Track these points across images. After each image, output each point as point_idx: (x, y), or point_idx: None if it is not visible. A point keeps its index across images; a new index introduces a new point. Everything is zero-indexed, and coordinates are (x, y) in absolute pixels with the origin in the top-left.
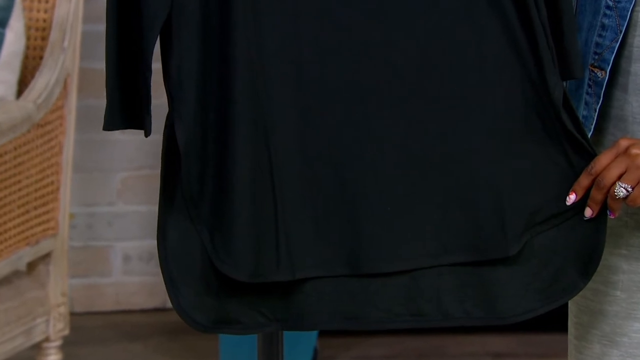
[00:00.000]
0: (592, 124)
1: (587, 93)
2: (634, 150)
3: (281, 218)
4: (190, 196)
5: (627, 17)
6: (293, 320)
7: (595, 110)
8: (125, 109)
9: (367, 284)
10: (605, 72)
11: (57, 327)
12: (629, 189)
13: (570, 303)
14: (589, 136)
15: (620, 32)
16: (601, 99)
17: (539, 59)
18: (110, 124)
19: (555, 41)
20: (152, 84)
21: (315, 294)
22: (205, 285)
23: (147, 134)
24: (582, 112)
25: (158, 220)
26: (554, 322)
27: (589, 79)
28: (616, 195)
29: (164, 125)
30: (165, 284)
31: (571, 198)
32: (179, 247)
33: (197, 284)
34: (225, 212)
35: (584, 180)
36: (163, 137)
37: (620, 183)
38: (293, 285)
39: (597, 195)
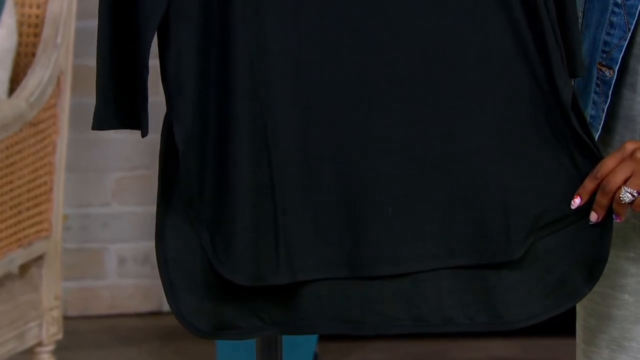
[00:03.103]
0: (600, 124)
1: (595, 92)
2: None
3: (281, 219)
4: (189, 198)
5: (635, 14)
6: (291, 324)
7: (604, 110)
8: (121, 108)
9: (367, 287)
10: (614, 71)
11: (50, 331)
12: (635, 194)
13: (578, 306)
14: (597, 137)
15: (629, 30)
16: (609, 98)
17: (547, 57)
18: (104, 124)
19: (563, 40)
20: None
21: (315, 297)
22: (205, 290)
23: (144, 134)
24: (590, 111)
25: (156, 223)
26: (558, 326)
27: (597, 78)
28: (622, 200)
29: (162, 124)
30: (164, 288)
31: (576, 202)
32: (178, 251)
33: (197, 289)
34: (225, 214)
35: (589, 184)
36: (161, 137)
37: (625, 188)
38: (292, 289)
39: (602, 199)
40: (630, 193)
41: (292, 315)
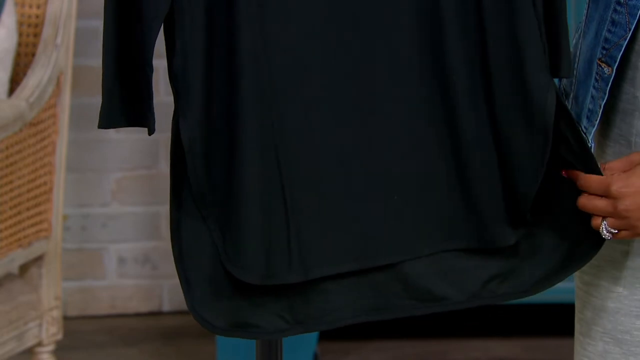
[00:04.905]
0: (596, 120)
1: (594, 87)
2: (622, 206)
3: (292, 217)
4: (200, 195)
5: (637, 15)
6: (314, 320)
7: (600, 107)
8: (127, 107)
9: (385, 274)
10: (612, 69)
11: (50, 332)
12: (614, 231)
13: (575, 299)
14: (594, 130)
15: (630, 30)
16: (606, 95)
17: (520, 55)
18: (110, 122)
19: (550, 39)
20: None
21: (335, 290)
22: (221, 287)
23: (150, 132)
24: (588, 105)
25: (170, 220)
26: (559, 326)
27: (596, 73)
28: (601, 234)
29: (172, 122)
30: (180, 284)
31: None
32: (192, 248)
33: (213, 286)
34: (235, 213)
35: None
36: (171, 133)
37: (605, 225)
38: (310, 284)
39: None
40: (608, 231)
41: (314, 312)
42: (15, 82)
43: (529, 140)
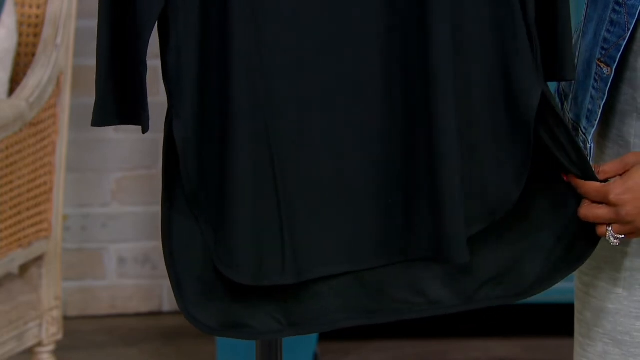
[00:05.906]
0: (596, 120)
1: (594, 88)
2: (623, 212)
3: (285, 218)
4: (192, 196)
5: (636, 14)
6: (308, 322)
7: (600, 107)
8: (121, 105)
9: (378, 276)
10: (611, 69)
11: (50, 332)
12: (621, 237)
13: (575, 299)
14: (593, 131)
15: (628, 30)
16: (606, 95)
17: (511, 58)
18: (103, 121)
19: (549, 43)
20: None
21: (329, 292)
22: (213, 287)
23: (144, 131)
24: (587, 105)
25: (162, 219)
26: (559, 326)
27: (596, 73)
28: (608, 241)
29: (165, 121)
30: (171, 284)
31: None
32: (183, 247)
33: (204, 286)
34: (227, 213)
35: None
36: (164, 133)
37: (611, 232)
38: (303, 286)
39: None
40: (615, 238)
41: (309, 314)
42: (15, 82)
43: (513, 142)
